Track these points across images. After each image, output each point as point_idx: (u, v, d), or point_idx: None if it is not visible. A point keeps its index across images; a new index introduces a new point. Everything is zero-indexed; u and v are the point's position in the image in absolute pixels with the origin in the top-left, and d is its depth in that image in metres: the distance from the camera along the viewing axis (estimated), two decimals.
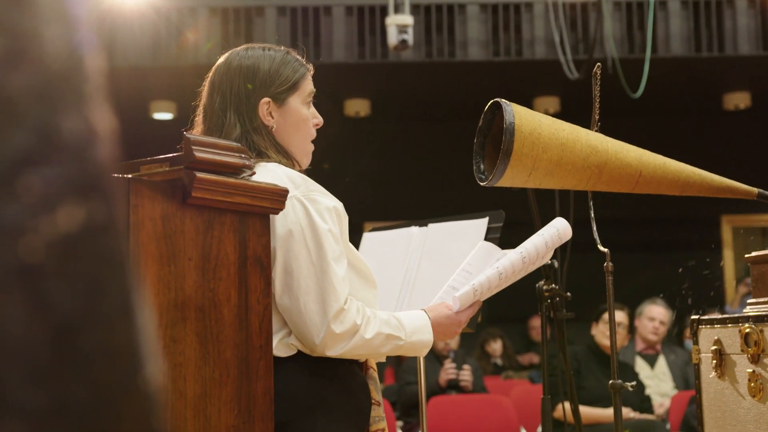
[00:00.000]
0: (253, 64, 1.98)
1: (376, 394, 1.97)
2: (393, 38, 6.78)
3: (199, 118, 2.04)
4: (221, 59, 2.03)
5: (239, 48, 2.04)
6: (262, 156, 1.95)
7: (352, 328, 1.82)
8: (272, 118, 1.98)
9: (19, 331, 0.36)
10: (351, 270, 1.92)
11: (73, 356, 0.38)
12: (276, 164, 1.92)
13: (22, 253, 0.38)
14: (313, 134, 2.06)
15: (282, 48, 2.05)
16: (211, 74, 2.04)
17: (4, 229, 0.38)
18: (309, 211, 1.83)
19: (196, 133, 2.02)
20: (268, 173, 1.86)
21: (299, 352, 1.85)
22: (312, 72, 2.06)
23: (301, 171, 2.04)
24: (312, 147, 2.07)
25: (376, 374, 2.00)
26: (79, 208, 0.40)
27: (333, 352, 1.81)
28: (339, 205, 1.90)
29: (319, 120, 2.06)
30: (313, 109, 2.05)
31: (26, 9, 0.40)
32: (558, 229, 2.25)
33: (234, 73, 1.98)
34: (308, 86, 2.03)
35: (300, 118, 2.01)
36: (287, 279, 1.81)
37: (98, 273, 0.40)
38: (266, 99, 1.97)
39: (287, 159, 1.98)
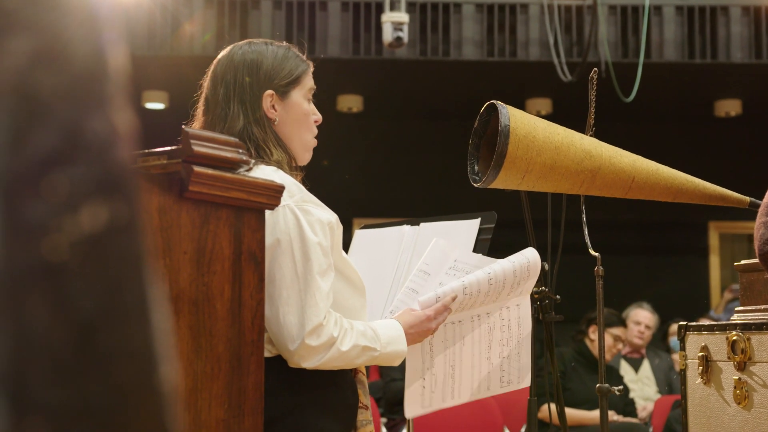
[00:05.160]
0: (256, 57, 1.99)
1: (364, 398, 1.98)
2: (388, 35, 6.79)
3: (200, 110, 2.04)
4: (223, 52, 2.04)
5: (241, 42, 2.05)
6: (259, 150, 1.95)
7: (329, 341, 1.81)
8: (275, 111, 1.99)
9: (43, 330, 0.37)
10: (341, 278, 1.92)
11: (93, 355, 0.38)
12: (273, 169, 1.90)
13: (46, 253, 0.38)
14: (315, 130, 2.07)
15: (284, 44, 2.06)
16: (213, 67, 2.04)
17: (30, 228, 0.38)
18: (300, 222, 1.82)
19: (198, 125, 2.02)
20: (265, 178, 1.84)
21: None
22: (312, 68, 2.07)
23: (299, 167, 2.05)
24: (314, 142, 2.08)
25: (365, 378, 2.00)
26: (103, 207, 0.40)
27: (308, 363, 1.81)
28: (333, 218, 1.89)
29: (318, 117, 2.07)
30: (312, 106, 2.07)
31: (55, 10, 0.41)
32: (528, 260, 2.20)
33: (237, 66, 1.98)
34: (309, 81, 2.05)
35: (302, 112, 2.02)
36: (269, 288, 1.79)
37: (118, 272, 0.41)
38: (270, 91, 1.98)
39: (285, 153, 1.98)
